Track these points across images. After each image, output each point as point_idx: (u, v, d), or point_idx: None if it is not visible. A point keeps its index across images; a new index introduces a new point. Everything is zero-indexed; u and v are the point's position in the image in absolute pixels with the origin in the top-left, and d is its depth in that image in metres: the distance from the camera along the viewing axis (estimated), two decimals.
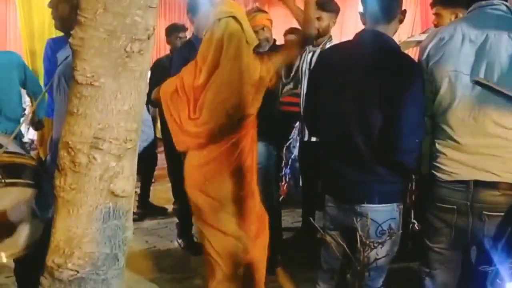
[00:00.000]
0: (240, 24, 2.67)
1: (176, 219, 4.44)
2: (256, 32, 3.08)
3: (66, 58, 2.09)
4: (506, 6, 2.05)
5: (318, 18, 3.62)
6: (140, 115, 1.53)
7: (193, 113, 2.73)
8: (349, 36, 2.46)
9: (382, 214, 2.13)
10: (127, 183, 1.49)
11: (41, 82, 4.45)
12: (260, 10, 3.57)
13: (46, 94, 3.59)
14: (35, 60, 5.78)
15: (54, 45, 4.08)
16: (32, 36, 6.09)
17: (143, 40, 1.44)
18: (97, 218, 1.46)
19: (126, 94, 1.44)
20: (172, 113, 2.76)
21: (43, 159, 2.98)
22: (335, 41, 3.83)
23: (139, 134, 1.53)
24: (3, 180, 2.13)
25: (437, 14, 3.05)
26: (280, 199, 4.38)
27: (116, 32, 1.39)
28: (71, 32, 1.43)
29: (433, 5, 3.12)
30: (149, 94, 1.85)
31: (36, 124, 4.20)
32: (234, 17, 2.66)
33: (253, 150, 2.87)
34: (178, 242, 4.23)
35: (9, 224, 2.16)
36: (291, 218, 4.81)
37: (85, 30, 1.40)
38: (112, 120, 1.43)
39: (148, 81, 1.57)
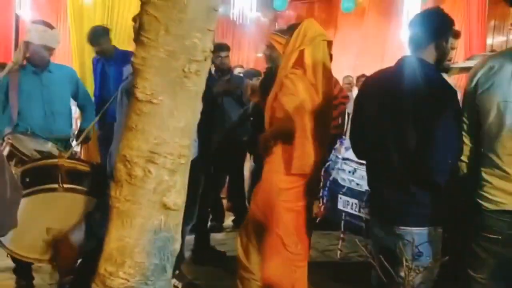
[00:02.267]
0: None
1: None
2: None
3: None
4: None
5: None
6: (194, 133, 1.60)
7: None
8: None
9: (419, 236, 2.15)
10: (178, 196, 1.55)
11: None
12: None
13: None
14: (84, 74, 5.98)
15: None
16: (82, 50, 6.29)
17: (200, 61, 1.51)
18: (149, 230, 1.52)
19: (182, 112, 1.51)
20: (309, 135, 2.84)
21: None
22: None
23: (191, 150, 1.59)
24: (62, 185, 2.21)
25: None
26: (317, 220, 4.40)
27: (176, 53, 1.47)
28: (133, 52, 1.51)
29: None
30: None
31: (84, 138, 4.28)
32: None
33: None
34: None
35: (69, 248, 2.24)
36: (327, 241, 4.81)
37: (147, 50, 1.47)
38: (167, 136, 1.50)
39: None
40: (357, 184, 4.23)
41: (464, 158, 2.25)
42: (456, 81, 4.98)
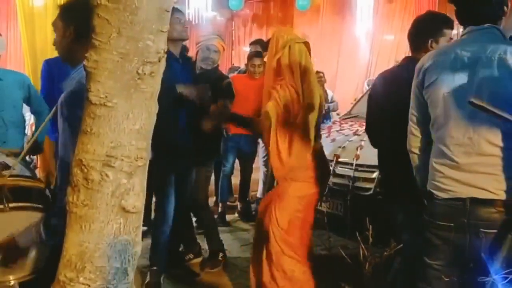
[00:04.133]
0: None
1: None
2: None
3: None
4: (497, 29, 2.14)
5: None
6: (150, 134, 1.59)
7: None
8: None
9: None
10: (137, 199, 1.54)
11: None
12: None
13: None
14: (37, 79, 5.83)
15: (47, 66, 4.26)
16: (34, 55, 6.14)
17: (154, 62, 1.51)
18: (108, 233, 1.51)
19: (137, 114, 1.51)
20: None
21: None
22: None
23: (149, 152, 1.59)
24: (7, 205, 2.15)
25: None
26: None
27: (129, 55, 1.46)
28: (86, 55, 1.49)
29: None
30: None
31: (35, 147, 4.14)
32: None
33: None
34: None
35: (18, 249, 2.19)
36: None
37: (99, 53, 1.46)
38: (124, 139, 1.49)
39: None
40: None
41: (415, 150, 2.35)
42: None
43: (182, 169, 3.81)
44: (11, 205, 2.28)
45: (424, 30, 2.80)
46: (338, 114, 6.21)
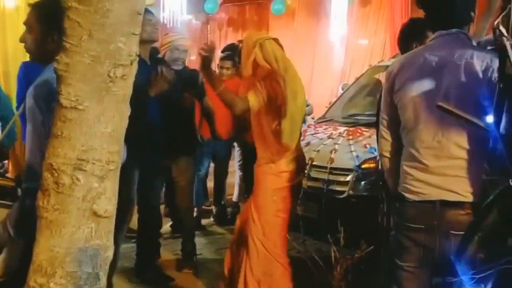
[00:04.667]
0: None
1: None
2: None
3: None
4: (465, 34, 2.19)
5: None
6: (122, 138, 1.58)
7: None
8: None
9: None
10: (109, 203, 1.53)
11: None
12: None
13: (18, 119, 3.53)
14: (9, 83, 5.75)
15: (25, 69, 4.01)
16: (6, 58, 6.04)
17: (126, 65, 1.50)
18: (79, 238, 1.49)
19: (109, 117, 1.50)
20: None
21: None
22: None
23: (121, 155, 1.58)
24: None
25: None
26: None
27: (100, 58, 1.45)
28: (56, 58, 1.48)
29: None
30: None
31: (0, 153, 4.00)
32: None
33: None
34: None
35: None
36: None
37: (70, 56, 1.45)
38: (95, 142, 1.48)
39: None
40: None
41: (386, 153, 2.37)
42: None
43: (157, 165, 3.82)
44: None
45: (409, 35, 2.94)
46: (313, 118, 6.25)
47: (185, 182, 4.26)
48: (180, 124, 4.07)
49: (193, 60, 13.04)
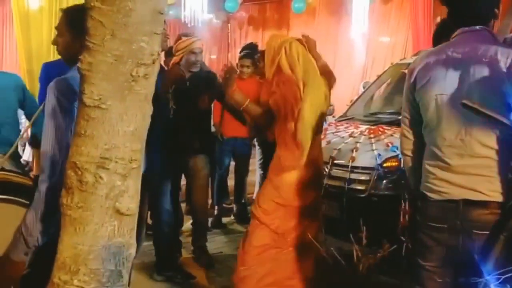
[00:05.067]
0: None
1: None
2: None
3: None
4: (488, 31, 2.15)
5: None
6: (144, 136, 1.59)
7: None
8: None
9: None
10: (131, 201, 1.54)
11: None
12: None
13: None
14: (33, 81, 5.84)
15: (46, 69, 4.04)
16: (30, 57, 6.14)
17: (148, 64, 1.51)
18: (102, 236, 1.51)
19: (131, 116, 1.51)
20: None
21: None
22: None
23: (143, 154, 1.59)
24: None
25: None
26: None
27: (123, 57, 1.46)
28: (80, 57, 1.49)
29: None
30: None
31: (31, 140, 4.18)
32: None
33: None
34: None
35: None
36: None
37: (93, 55, 1.46)
38: (118, 141, 1.49)
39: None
40: None
41: (408, 152, 2.34)
42: None
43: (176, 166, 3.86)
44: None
45: (441, 33, 2.82)
46: (333, 117, 6.22)
47: (200, 180, 4.33)
48: (196, 124, 4.15)
49: (213, 59, 13.10)
